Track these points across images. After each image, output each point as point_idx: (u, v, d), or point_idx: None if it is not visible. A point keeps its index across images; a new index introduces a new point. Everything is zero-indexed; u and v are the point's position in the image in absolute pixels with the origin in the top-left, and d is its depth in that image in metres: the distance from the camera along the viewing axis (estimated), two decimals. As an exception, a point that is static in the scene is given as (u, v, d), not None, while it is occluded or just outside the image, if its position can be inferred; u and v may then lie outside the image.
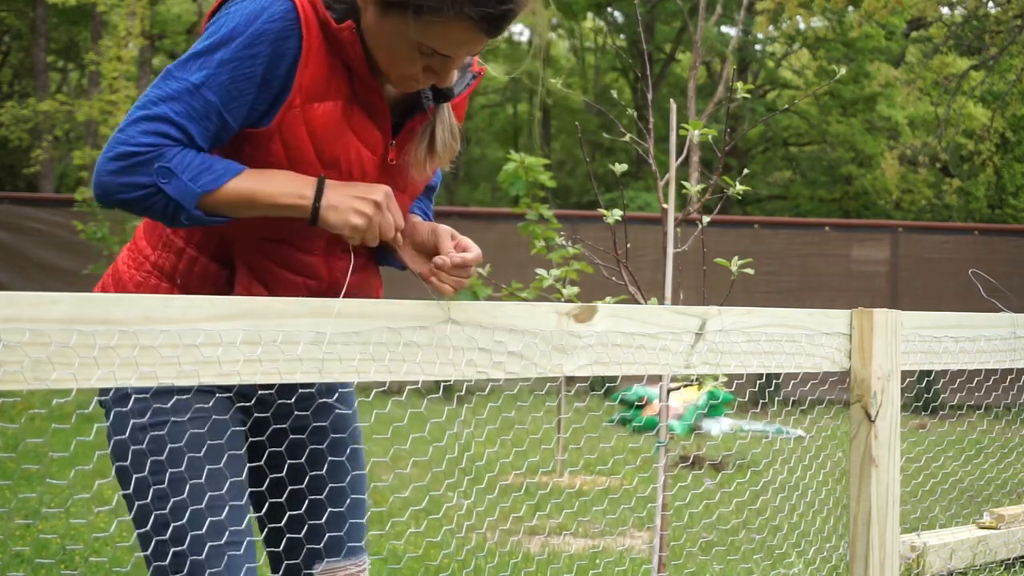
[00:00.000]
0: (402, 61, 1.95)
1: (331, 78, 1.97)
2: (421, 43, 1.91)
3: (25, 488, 6.36)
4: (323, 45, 1.95)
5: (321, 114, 1.97)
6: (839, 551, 5.42)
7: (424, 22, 1.88)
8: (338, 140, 1.99)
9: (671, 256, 3.93)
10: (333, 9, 1.94)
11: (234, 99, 1.90)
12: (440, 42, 1.91)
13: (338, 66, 1.97)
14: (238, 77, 1.90)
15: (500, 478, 7.39)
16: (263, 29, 1.89)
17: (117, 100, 16.64)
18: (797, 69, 27.66)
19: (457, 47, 1.92)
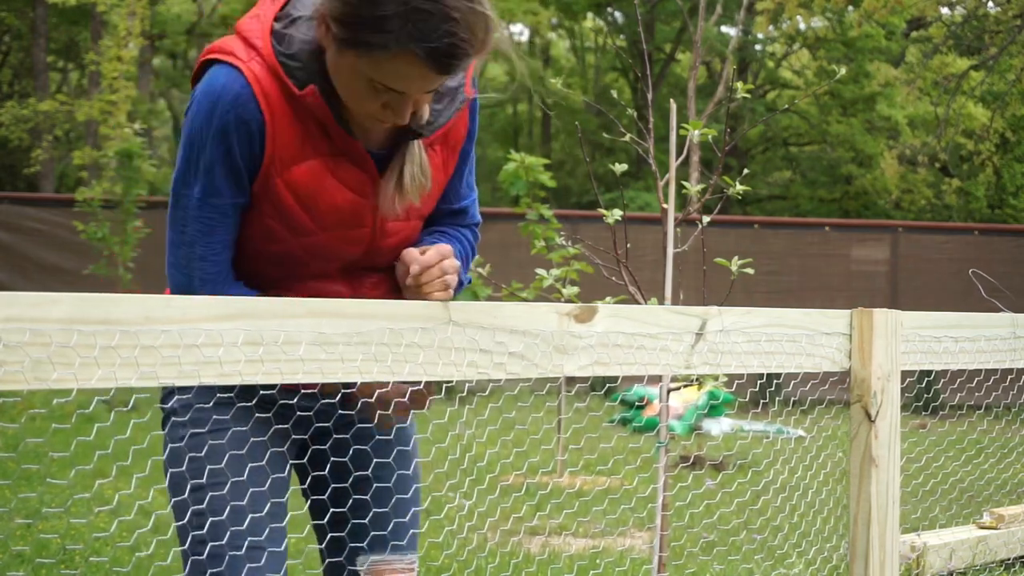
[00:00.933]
0: (360, 98, 1.96)
1: (305, 138, 2.01)
2: (373, 80, 1.91)
3: (25, 488, 6.36)
4: (289, 110, 1.98)
5: (300, 175, 2.01)
6: (839, 551, 5.42)
7: (372, 59, 1.88)
8: (322, 195, 2.03)
9: (671, 256, 3.93)
10: (294, 76, 1.97)
11: (235, 189, 2.01)
12: (390, 78, 1.91)
13: (311, 125, 2.01)
14: (228, 171, 1.99)
15: (501, 478, 7.39)
16: (222, 123, 1.96)
17: (117, 100, 16.64)
18: (797, 69, 27.66)
19: (407, 83, 1.91)
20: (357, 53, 1.89)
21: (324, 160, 2.02)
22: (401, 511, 2.28)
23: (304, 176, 2.01)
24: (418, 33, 1.84)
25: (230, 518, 2.05)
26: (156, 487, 6.15)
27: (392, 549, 2.28)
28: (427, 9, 1.84)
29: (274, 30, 1.99)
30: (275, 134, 1.98)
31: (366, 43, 1.87)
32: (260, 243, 2.08)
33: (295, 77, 1.97)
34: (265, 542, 2.08)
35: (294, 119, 1.99)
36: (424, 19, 1.84)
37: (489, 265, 6.59)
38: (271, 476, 2.12)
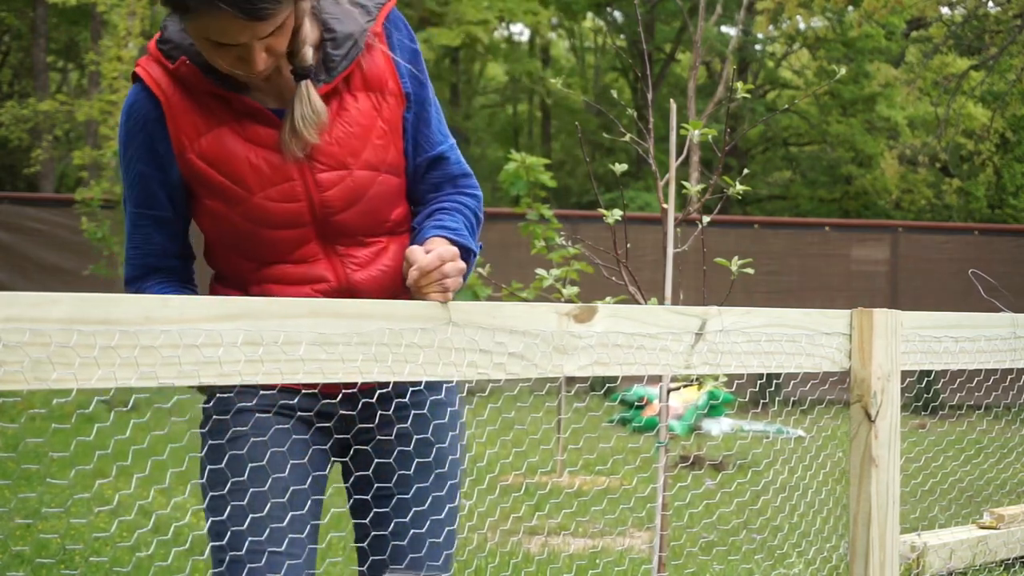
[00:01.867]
0: (213, 58, 2.03)
1: (205, 111, 2.10)
2: (207, 39, 1.99)
3: (25, 488, 6.36)
4: (179, 90, 2.10)
5: (208, 144, 2.10)
6: (839, 551, 5.42)
7: (190, 21, 1.97)
8: (235, 158, 2.10)
9: (671, 256, 3.93)
10: (169, 55, 2.09)
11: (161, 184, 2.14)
12: (213, 34, 1.97)
13: (206, 97, 2.10)
14: (145, 171, 2.12)
15: (500, 478, 7.39)
16: (125, 131, 2.13)
17: (117, 100, 16.62)
18: (797, 69, 27.65)
19: (229, 35, 1.97)
20: (181, 18, 2.00)
21: (231, 126, 2.10)
22: (421, 523, 2.28)
23: (212, 144, 2.09)
24: None
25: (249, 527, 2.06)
26: (156, 487, 6.16)
27: (411, 564, 2.28)
28: None
29: (163, 25, 2.12)
30: (174, 115, 2.09)
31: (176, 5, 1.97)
32: (214, 232, 2.16)
33: (169, 56, 2.09)
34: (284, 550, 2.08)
35: (187, 96, 2.09)
36: None
37: (489, 265, 6.59)
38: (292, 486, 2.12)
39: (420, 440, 2.27)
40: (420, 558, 2.26)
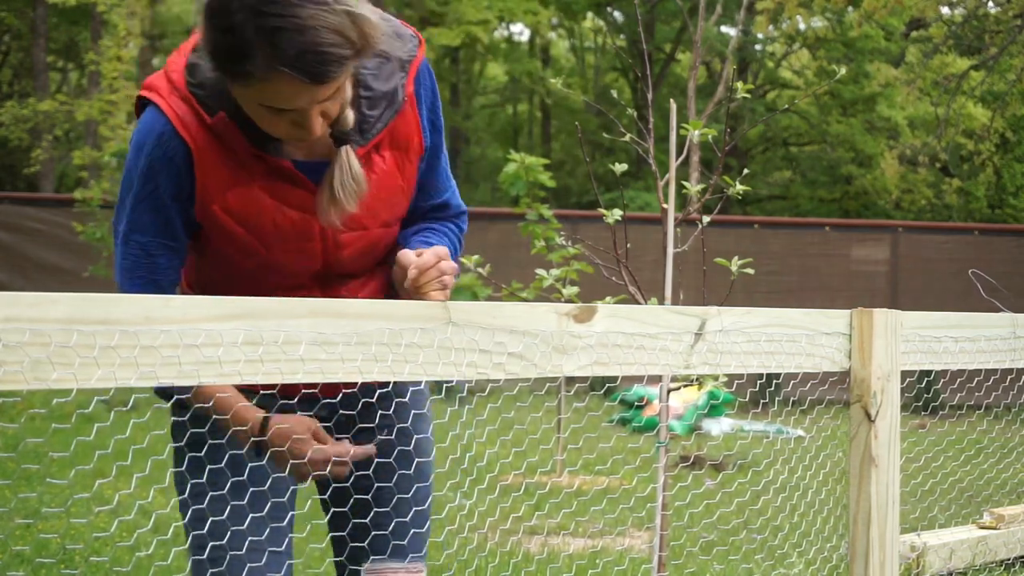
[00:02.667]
0: (265, 122, 1.96)
1: (236, 164, 2.02)
2: (263, 104, 1.91)
3: (25, 488, 6.36)
4: (212, 139, 2.00)
5: (235, 200, 2.03)
6: (839, 551, 5.42)
7: (250, 86, 1.89)
8: (262, 216, 2.04)
9: (671, 256, 3.93)
10: (205, 104, 1.98)
11: (162, 228, 2.05)
12: (274, 100, 1.90)
13: (241, 151, 2.02)
14: (153, 209, 2.03)
15: (500, 478, 7.39)
16: (148, 163, 2.01)
17: (117, 100, 16.64)
18: (797, 69, 27.65)
19: (292, 101, 1.90)
20: (235, 83, 1.90)
21: (260, 182, 2.03)
22: (403, 513, 2.28)
23: (239, 200, 2.03)
24: (279, 52, 1.83)
25: (230, 519, 2.06)
26: (156, 487, 6.16)
27: (394, 553, 2.27)
28: (280, 27, 1.82)
29: (188, 64, 2.01)
30: (202, 164, 2.00)
31: (236, 73, 1.88)
32: (222, 268, 2.12)
33: (205, 106, 1.99)
34: (265, 542, 2.08)
35: (220, 146, 2.00)
36: (281, 37, 1.82)
37: (489, 265, 6.59)
38: (272, 475, 2.12)
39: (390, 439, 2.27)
40: (402, 547, 2.28)
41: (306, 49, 1.83)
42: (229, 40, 1.85)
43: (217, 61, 1.89)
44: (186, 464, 2.10)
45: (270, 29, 1.82)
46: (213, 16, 1.86)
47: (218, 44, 1.86)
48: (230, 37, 1.84)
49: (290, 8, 1.82)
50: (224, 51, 1.86)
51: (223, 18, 1.84)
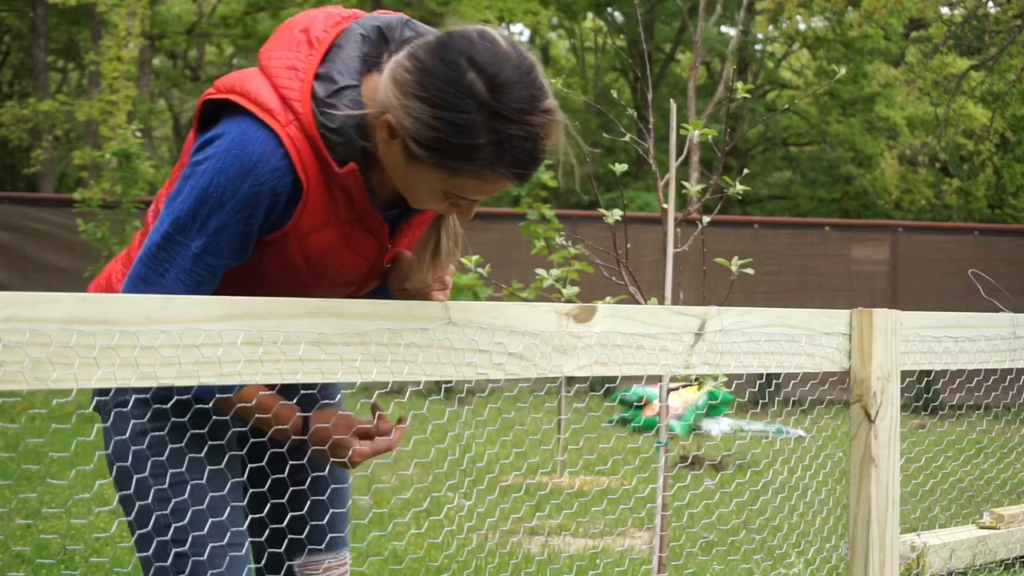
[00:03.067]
0: (427, 201, 1.93)
1: (332, 208, 1.96)
2: (448, 191, 1.88)
3: (25, 488, 6.36)
4: (322, 180, 1.93)
5: (317, 242, 1.98)
6: (839, 551, 5.42)
7: (456, 177, 1.85)
8: (331, 258, 2.01)
9: (671, 256, 3.93)
10: (335, 151, 1.90)
11: (235, 254, 1.94)
12: (470, 192, 1.88)
13: (338, 193, 1.96)
14: (235, 236, 1.91)
15: (500, 479, 7.39)
16: (253, 192, 1.88)
17: (117, 100, 16.64)
18: (797, 69, 27.65)
19: (486, 194, 1.90)
20: (438, 170, 1.85)
21: (341, 227, 1.99)
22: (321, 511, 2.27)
23: (320, 243, 1.98)
24: (508, 156, 1.82)
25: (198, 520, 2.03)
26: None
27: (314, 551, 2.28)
28: (518, 134, 1.81)
29: (316, 95, 1.90)
30: (306, 205, 1.93)
31: (452, 168, 1.83)
32: (251, 275, 2.05)
33: (336, 152, 1.90)
34: (229, 547, 2.06)
35: (325, 189, 1.94)
36: (515, 144, 1.81)
37: (489, 265, 6.59)
38: (231, 479, 2.10)
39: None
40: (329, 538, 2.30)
41: (532, 158, 1.83)
42: (463, 139, 1.80)
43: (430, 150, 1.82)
44: (150, 468, 2.04)
45: (509, 136, 1.81)
46: (445, 106, 1.79)
47: (447, 138, 1.80)
48: (465, 137, 1.79)
49: (527, 116, 1.80)
50: (451, 146, 1.80)
51: (455, 112, 1.79)
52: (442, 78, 1.79)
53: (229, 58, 27.92)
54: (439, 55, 1.81)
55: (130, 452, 2.06)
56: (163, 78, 25.69)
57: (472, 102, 1.78)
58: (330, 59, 1.93)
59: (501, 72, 1.80)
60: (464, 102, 1.78)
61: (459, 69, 1.79)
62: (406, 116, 1.81)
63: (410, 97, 1.80)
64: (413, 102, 1.80)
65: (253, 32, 21.96)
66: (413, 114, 1.80)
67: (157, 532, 2.03)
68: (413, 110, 1.80)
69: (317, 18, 1.98)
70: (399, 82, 1.82)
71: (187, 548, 2.01)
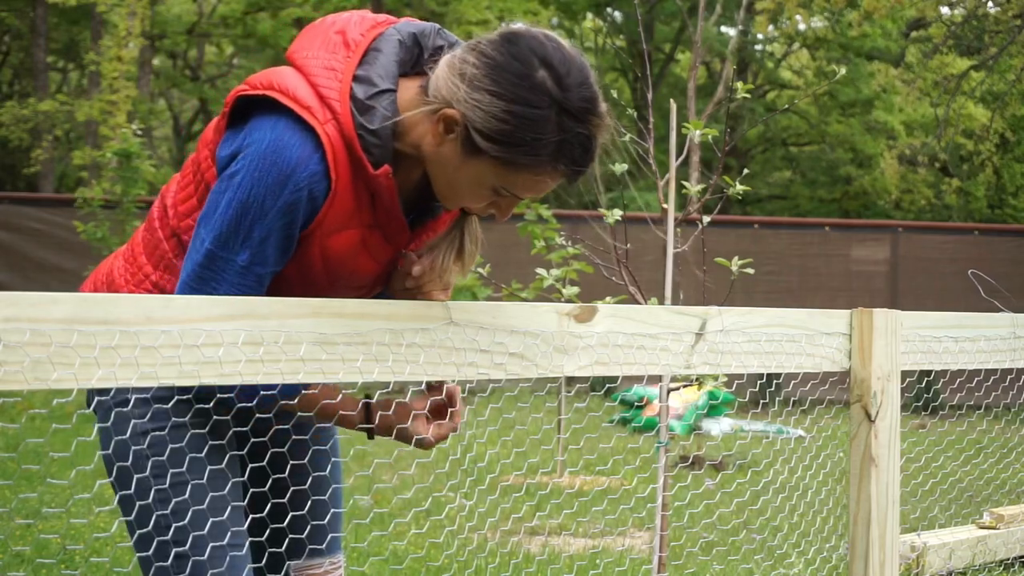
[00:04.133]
0: (471, 199, 1.95)
1: (355, 210, 1.96)
2: (500, 187, 1.91)
3: (26, 488, 6.36)
4: (351, 181, 1.93)
5: (338, 243, 1.97)
6: (839, 551, 5.42)
7: (513, 173, 1.88)
8: (348, 261, 2.01)
9: (671, 256, 3.93)
10: (371, 153, 1.91)
11: (282, 255, 1.94)
12: (522, 189, 1.91)
13: (363, 196, 1.96)
14: (278, 242, 1.91)
15: (501, 479, 7.39)
16: (294, 199, 1.88)
17: (117, 100, 16.64)
18: (797, 69, 27.65)
19: (537, 192, 1.93)
20: (496, 165, 1.87)
21: (362, 231, 1.99)
22: (320, 514, 2.27)
23: (341, 245, 1.98)
24: (569, 155, 1.86)
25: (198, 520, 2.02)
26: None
27: (314, 553, 2.27)
28: (581, 132, 1.86)
29: (354, 95, 1.90)
30: (332, 203, 1.93)
31: (515, 162, 1.86)
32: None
33: (371, 155, 1.91)
34: (229, 547, 2.05)
35: (353, 190, 1.94)
36: (578, 143, 1.86)
37: (489, 265, 6.59)
38: (231, 480, 2.08)
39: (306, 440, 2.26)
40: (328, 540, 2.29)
41: (589, 157, 1.89)
42: (532, 134, 1.83)
43: (495, 143, 1.85)
44: (150, 468, 2.03)
45: (575, 135, 1.86)
46: (518, 101, 1.83)
47: (516, 131, 1.83)
48: (534, 131, 1.83)
49: (590, 116, 1.86)
50: (517, 139, 1.84)
51: (528, 106, 1.83)
52: (515, 73, 1.84)
53: (229, 58, 27.90)
54: (510, 51, 1.85)
55: (131, 452, 2.05)
56: (163, 78, 25.68)
57: (546, 98, 1.83)
58: (368, 62, 1.94)
59: (570, 73, 1.85)
60: (538, 98, 1.83)
61: (531, 66, 1.84)
62: (475, 109, 1.84)
63: (480, 91, 1.84)
64: (483, 96, 1.84)
65: (253, 32, 21.95)
66: (483, 107, 1.84)
67: (157, 532, 2.03)
68: (483, 103, 1.84)
69: (352, 20, 1.99)
70: (465, 76, 1.86)
71: (187, 548, 2.01)
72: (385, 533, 5.49)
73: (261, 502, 2.22)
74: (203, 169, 2.01)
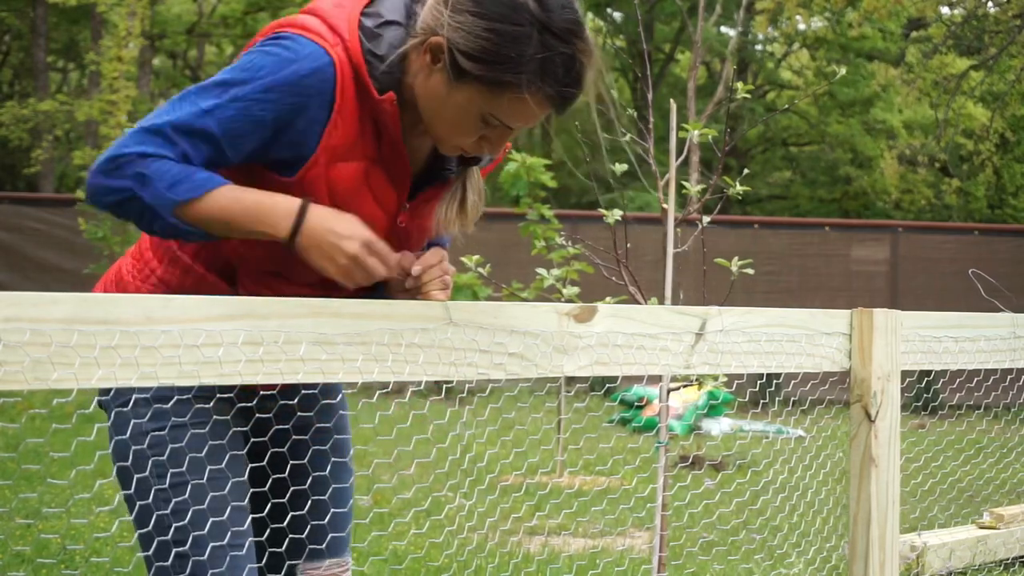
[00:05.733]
0: (461, 130, 1.94)
1: (360, 139, 1.95)
2: (486, 114, 1.91)
3: (26, 488, 6.36)
4: (356, 107, 1.93)
5: (343, 175, 1.96)
6: (839, 551, 5.42)
7: (497, 96, 1.88)
8: (354, 199, 1.98)
9: (671, 256, 3.93)
10: (376, 78, 1.91)
11: (236, 136, 1.88)
12: (509, 115, 1.91)
13: (368, 127, 1.96)
14: (246, 116, 1.86)
15: (500, 479, 7.39)
16: (287, 79, 1.86)
17: (117, 100, 16.63)
18: (797, 69, 27.65)
19: (523, 120, 1.92)
20: (482, 88, 1.88)
21: (366, 164, 1.97)
22: (333, 517, 2.26)
23: (347, 176, 1.96)
24: (552, 75, 1.87)
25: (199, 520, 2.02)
26: (156, 487, 6.15)
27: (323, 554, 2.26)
28: (565, 53, 1.87)
29: (362, 24, 1.93)
30: (336, 126, 1.91)
31: (498, 81, 1.87)
32: (254, 248, 2.00)
33: (377, 80, 1.91)
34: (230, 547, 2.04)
35: (357, 118, 1.93)
36: (561, 63, 1.87)
37: (489, 265, 6.60)
38: (231, 479, 2.08)
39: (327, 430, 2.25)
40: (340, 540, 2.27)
41: (574, 81, 1.89)
42: (515, 49, 1.85)
43: (478, 62, 1.86)
44: (151, 468, 2.03)
45: (559, 53, 1.87)
46: (498, 18, 1.85)
47: (497, 47, 1.85)
48: (516, 47, 1.85)
49: (573, 39, 1.88)
50: (500, 56, 1.85)
51: (508, 23, 1.85)
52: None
53: (229, 58, 27.91)
54: None
55: (131, 452, 2.05)
56: (163, 78, 25.70)
57: (526, 15, 1.86)
58: (377, 1, 1.97)
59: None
60: (518, 14, 1.85)
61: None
62: (457, 31, 1.86)
63: (462, 13, 1.87)
64: (465, 16, 1.86)
65: (253, 32, 21.96)
66: (465, 27, 1.86)
67: (158, 532, 2.03)
68: (465, 23, 1.86)
69: None
70: (448, 1, 1.87)
71: (187, 548, 2.01)
72: (385, 533, 5.49)
73: (263, 501, 2.21)
74: None
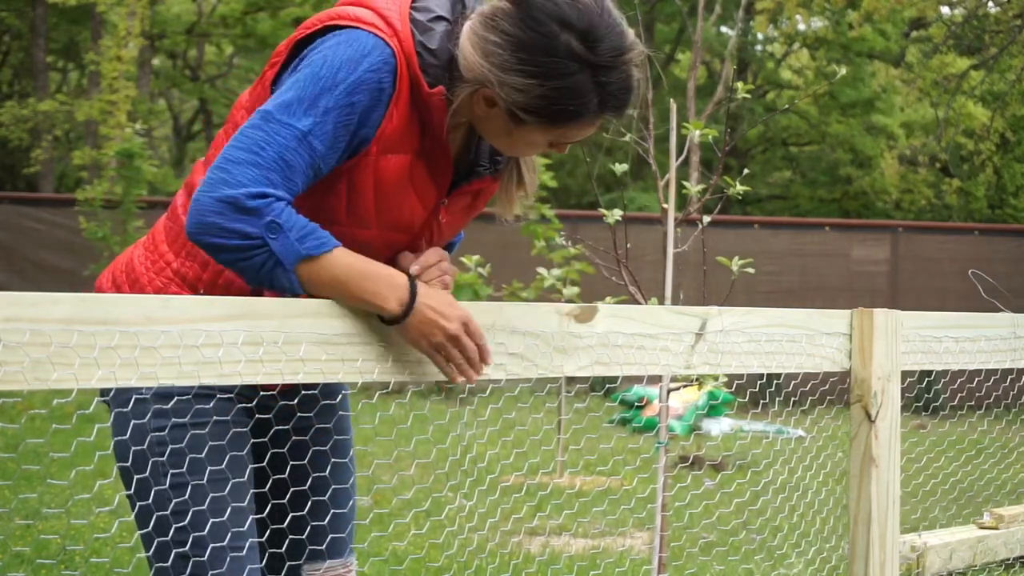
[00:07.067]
0: (526, 152, 2.02)
1: (408, 131, 1.96)
2: (554, 140, 1.96)
3: (25, 488, 6.36)
4: (408, 99, 1.93)
5: (391, 166, 1.95)
6: (839, 551, 5.42)
7: (564, 128, 1.92)
8: (398, 193, 1.98)
9: (671, 256, 3.93)
10: (427, 72, 1.92)
11: (333, 148, 1.87)
12: (575, 136, 1.96)
13: (415, 120, 1.96)
14: (339, 125, 1.86)
15: (501, 479, 7.39)
16: (364, 78, 1.86)
17: (117, 100, 16.63)
18: (797, 69, 27.64)
19: (590, 132, 1.97)
20: (546, 124, 1.91)
21: (411, 157, 1.97)
22: (337, 518, 2.25)
23: (394, 168, 1.95)
24: (613, 100, 1.91)
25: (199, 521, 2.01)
26: (156, 487, 6.15)
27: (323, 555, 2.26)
28: (619, 78, 1.90)
29: (414, 18, 1.93)
30: (391, 117, 1.91)
31: (563, 122, 1.91)
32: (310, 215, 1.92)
33: (428, 73, 1.92)
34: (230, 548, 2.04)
35: (408, 111, 1.94)
36: (616, 87, 1.90)
37: (489, 265, 6.60)
38: (232, 481, 2.06)
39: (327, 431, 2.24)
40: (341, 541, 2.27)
41: (630, 93, 1.93)
42: (567, 97, 1.87)
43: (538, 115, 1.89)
44: (151, 469, 2.01)
45: (609, 83, 1.89)
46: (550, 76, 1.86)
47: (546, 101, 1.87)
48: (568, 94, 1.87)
49: (621, 59, 1.89)
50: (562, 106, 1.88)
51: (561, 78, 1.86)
52: (540, 49, 1.85)
53: (229, 58, 27.90)
54: (527, 24, 1.85)
55: (131, 452, 2.05)
56: (163, 78, 25.67)
57: (575, 64, 1.85)
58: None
59: (592, 26, 1.86)
60: (567, 66, 1.85)
61: (553, 35, 1.85)
62: (512, 93, 1.87)
63: (510, 73, 1.86)
64: (515, 77, 1.86)
65: (253, 32, 21.94)
66: (518, 87, 1.86)
67: (159, 532, 2.03)
68: (519, 86, 1.86)
69: None
70: (491, 56, 1.87)
71: (188, 549, 2.00)
72: (385, 534, 5.48)
73: (266, 502, 2.21)
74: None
